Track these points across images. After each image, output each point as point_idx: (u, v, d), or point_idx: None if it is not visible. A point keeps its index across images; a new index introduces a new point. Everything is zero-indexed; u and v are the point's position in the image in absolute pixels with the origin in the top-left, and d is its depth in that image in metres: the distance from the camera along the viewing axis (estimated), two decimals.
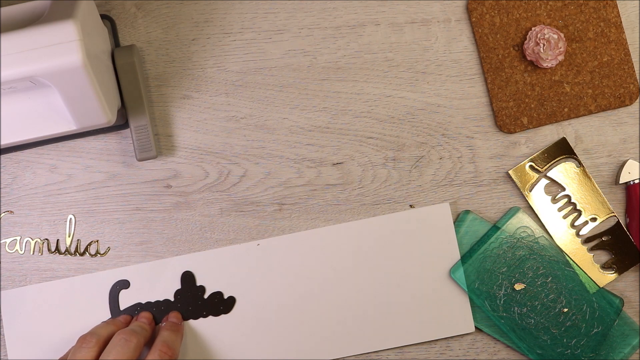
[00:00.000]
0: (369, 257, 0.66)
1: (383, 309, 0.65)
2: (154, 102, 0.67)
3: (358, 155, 0.67)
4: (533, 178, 0.67)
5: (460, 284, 0.65)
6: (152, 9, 0.68)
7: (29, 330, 0.65)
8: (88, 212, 0.67)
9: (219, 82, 0.67)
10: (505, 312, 0.65)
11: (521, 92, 0.67)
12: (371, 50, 0.68)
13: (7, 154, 0.67)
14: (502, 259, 0.65)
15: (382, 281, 0.66)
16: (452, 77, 0.68)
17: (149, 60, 0.67)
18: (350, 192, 0.67)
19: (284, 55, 0.68)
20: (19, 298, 0.65)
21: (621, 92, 0.67)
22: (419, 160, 0.67)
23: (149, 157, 0.65)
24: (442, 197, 0.67)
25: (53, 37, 0.53)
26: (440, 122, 0.67)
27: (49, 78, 0.53)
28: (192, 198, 0.67)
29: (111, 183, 0.67)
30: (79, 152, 0.67)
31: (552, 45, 0.65)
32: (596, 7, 0.67)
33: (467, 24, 0.68)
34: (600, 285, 0.66)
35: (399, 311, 0.65)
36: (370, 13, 0.68)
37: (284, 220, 0.67)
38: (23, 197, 0.67)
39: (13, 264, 0.66)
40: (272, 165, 0.67)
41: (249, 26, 0.68)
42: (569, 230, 0.66)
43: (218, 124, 0.67)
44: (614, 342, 0.65)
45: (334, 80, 0.68)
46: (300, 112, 0.67)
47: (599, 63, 0.67)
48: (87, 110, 0.57)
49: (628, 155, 0.68)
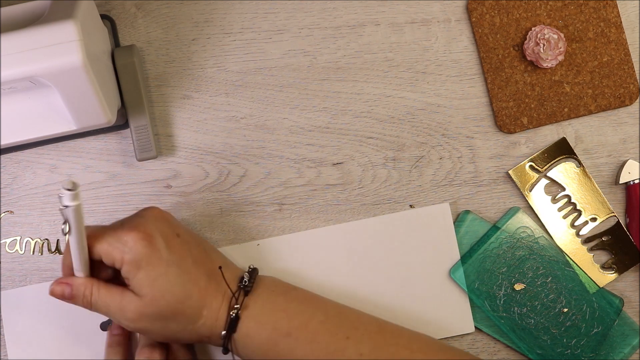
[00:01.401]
0: (369, 257, 0.66)
1: (383, 309, 0.65)
2: (154, 102, 0.67)
3: (358, 155, 0.67)
4: (533, 178, 0.67)
5: (460, 284, 0.65)
6: (152, 9, 0.68)
7: (29, 330, 0.65)
8: (88, 212, 0.67)
9: (219, 82, 0.67)
10: (505, 312, 0.65)
11: (521, 92, 0.67)
12: (371, 50, 0.68)
13: (7, 154, 0.67)
14: (502, 259, 0.65)
15: (382, 281, 0.66)
16: (452, 77, 0.68)
17: (149, 60, 0.67)
18: (350, 192, 0.67)
19: (284, 55, 0.68)
20: (19, 298, 0.65)
21: (621, 92, 0.67)
22: (419, 160, 0.67)
23: (149, 157, 0.65)
24: (442, 197, 0.67)
25: (53, 37, 0.53)
26: (440, 122, 0.67)
27: (49, 78, 0.53)
28: (192, 198, 0.67)
29: (111, 183, 0.67)
30: (79, 152, 0.67)
31: (552, 45, 0.65)
32: (596, 7, 0.67)
33: (467, 24, 0.68)
34: (600, 285, 0.66)
35: (399, 311, 0.65)
36: (370, 13, 0.68)
37: (284, 220, 0.67)
38: (23, 197, 0.67)
39: (13, 264, 0.66)
40: (272, 165, 0.67)
41: (249, 26, 0.68)
42: (569, 230, 0.66)
43: (218, 124, 0.67)
44: (614, 342, 0.65)
45: (334, 80, 0.68)
46: (300, 112, 0.67)
47: (599, 63, 0.67)
48: (87, 110, 0.57)
49: (628, 155, 0.68)
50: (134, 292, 0.56)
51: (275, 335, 0.57)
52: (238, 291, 0.58)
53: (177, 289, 0.56)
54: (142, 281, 0.56)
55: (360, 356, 0.57)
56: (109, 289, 0.57)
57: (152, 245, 0.56)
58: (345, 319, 0.59)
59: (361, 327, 0.59)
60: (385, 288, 0.66)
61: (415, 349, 0.58)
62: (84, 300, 0.57)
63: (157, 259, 0.56)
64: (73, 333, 0.65)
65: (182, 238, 0.59)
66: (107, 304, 0.57)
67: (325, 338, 0.57)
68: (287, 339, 0.57)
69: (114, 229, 0.57)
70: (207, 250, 0.60)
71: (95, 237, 0.57)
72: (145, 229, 0.57)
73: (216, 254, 0.61)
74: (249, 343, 0.58)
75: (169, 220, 0.59)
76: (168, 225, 0.58)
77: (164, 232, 0.58)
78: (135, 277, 0.56)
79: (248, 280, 0.59)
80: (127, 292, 0.57)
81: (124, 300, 0.56)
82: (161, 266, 0.56)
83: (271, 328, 0.57)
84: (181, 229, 0.60)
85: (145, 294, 0.56)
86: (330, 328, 0.58)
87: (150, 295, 0.56)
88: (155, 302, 0.56)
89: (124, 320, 0.57)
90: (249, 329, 0.57)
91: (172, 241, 0.58)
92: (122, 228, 0.57)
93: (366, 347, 0.57)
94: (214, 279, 0.58)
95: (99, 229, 0.58)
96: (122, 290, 0.57)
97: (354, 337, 0.58)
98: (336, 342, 0.57)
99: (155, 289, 0.56)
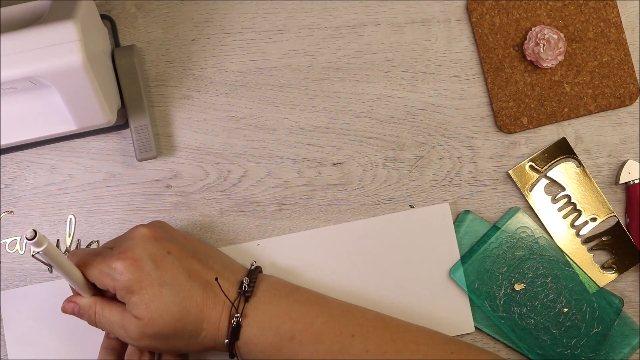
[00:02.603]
0: (369, 257, 0.66)
1: (383, 309, 0.65)
2: (154, 102, 0.67)
3: (358, 155, 0.67)
4: (533, 178, 0.67)
5: (460, 284, 0.65)
6: (152, 9, 0.68)
7: (29, 330, 0.65)
8: (88, 212, 0.67)
9: (219, 82, 0.67)
10: (505, 312, 0.65)
11: (521, 92, 0.67)
12: (371, 50, 0.68)
13: (7, 154, 0.67)
14: (502, 259, 0.65)
15: (382, 281, 0.66)
16: (452, 77, 0.68)
17: (149, 60, 0.67)
18: (350, 192, 0.67)
19: (284, 55, 0.68)
20: (19, 298, 0.65)
21: (621, 92, 0.67)
22: (419, 160, 0.67)
23: (149, 157, 0.65)
24: (442, 197, 0.67)
25: (53, 38, 0.53)
26: (440, 122, 0.67)
27: (49, 78, 0.53)
28: (192, 198, 0.67)
29: (111, 183, 0.67)
30: (79, 152, 0.67)
31: (552, 45, 0.65)
32: (596, 7, 0.67)
33: (467, 24, 0.68)
34: (600, 285, 0.66)
35: (399, 311, 0.65)
36: (370, 13, 0.68)
37: (284, 220, 0.67)
38: (23, 197, 0.67)
39: (13, 264, 0.66)
40: (272, 165, 0.67)
41: (249, 26, 0.68)
42: (569, 230, 0.66)
43: (218, 124, 0.67)
44: (614, 342, 0.65)
45: (334, 80, 0.68)
46: (300, 112, 0.67)
47: (599, 63, 0.67)
48: (87, 110, 0.57)
49: (628, 155, 0.68)
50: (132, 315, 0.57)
51: (279, 339, 0.57)
52: (238, 298, 0.58)
53: (173, 308, 0.56)
54: (137, 305, 0.56)
55: (366, 352, 0.57)
56: (112, 309, 0.58)
57: (141, 270, 0.56)
58: (351, 317, 0.59)
59: (366, 324, 0.58)
60: (385, 288, 0.66)
61: (422, 342, 0.58)
62: (89, 318, 0.59)
63: (148, 282, 0.56)
64: (73, 333, 0.65)
65: (174, 254, 0.58)
66: (110, 322, 0.58)
67: (330, 338, 0.57)
68: (291, 342, 0.57)
69: (103, 256, 0.57)
70: (203, 259, 0.60)
71: (86, 265, 0.57)
72: (132, 254, 0.57)
73: (213, 259, 0.61)
74: (253, 348, 0.58)
75: (157, 238, 0.59)
76: (157, 245, 0.58)
77: (152, 254, 0.57)
78: (130, 301, 0.56)
79: (248, 285, 0.59)
80: (127, 312, 0.57)
81: (124, 320, 0.57)
82: (154, 288, 0.56)
83: (274, 333, 0.57)
84: (171, 244, 0.59)
85: (143, 316, 0.56)
86: (334, 327, 0.58)
87: (148, 317, 0.56)
88: (153, 323, 0.56)
89: (128, 339, 0.58)
90: (251, 335, 0.57)
91: (163, 260, 0.58)
92: (111, 255, 0.57)
93: (372, 343, 0.57)
94: (211, 290, 0.58)
95: (90, 255, 0.58)
96: (123, 310, 0.57)
97: (360, 334, 0.57)
98: (341, 340, 0.57)
99: (152, 311, 0.56)
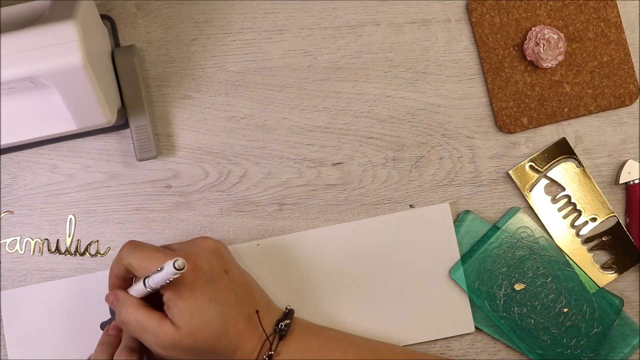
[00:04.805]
0: (369, 257, 0.66)
1: (383, 309, 0.65)
2: (154, 102, 0.67)
3: (358, 155, 0.67)
4: (533, 178, 0.67)
5: (460, 284, 0.65)
6: (152, 9, 0.68)
7: (29, 330, 0.65)
8: (88, 212, 0.67)
9: (219, 82, 0.67)
10: (505, 312, 0.65)
11: (521, 92, 0.67)
12: (371, 50, 0.68)
13: (7, 154, 0.67)
14: (502, 259, 0.65)
15: (382, 281, 0.66)
16: (452, 77, 0.68)
17: (149, 60, 0.67)
18: (350, 192, 0.67)
19: (284, 55, 0.68)
20: (19, 298, 0.65)
21: (621, 92, 0.67)
22: (419, 160, 0.67)
23: (149, 157, 0.65)
24: (442, 197, 0.67)
25: (53, 37, 0.53)
26: (440, 122, 0.67)
27: (49, 78, 0.53)
28: (192, 198, 0.67)
29: (111, 183, 0.67)
30: (79, 152, 0.67)
31: (552, 45, 0.65)
32: (596, 7, 0.67)
33: (467, 24, 0.68)
34: (600, 285, 0.66)
35: (398, 311, 0.65)
36: (370, 13, 0.68)
37: (284, 220, 0.67)
38: (23, 197, 0.67)
39: (13, 264, 0.66)
40: (272, 165, 0.67)
41: (249, 26, 0.68)
42: (569, 230, 0.66)
43: (218, 124, 0.67)
44: (614, 342, 0.65)
45: (334, 80, 0.68)
46: (300, 112, 0.67)
47: (599, 63, 0.67)
48: (87, 110, 0.57)
49: (628, 155, 0.68)
50: (172, 321, 0.56)
51: None
52: (273, 335, 0.59)
53: (215, 326, 0.56)
54: (182, 311, 0.56)
55: None
56: (149, 314, 0.57)
57: (198, 279, 0.56)
58: (377, 354, 0.60)
59: None
60: (386, 288, 0.66)
61: None
62: (119, 313, 0.58)
63: (201, 293, 0.56)
64: (73, 333, 0.65)
65: (230, 275, 0.59)
66: (143, 326, 0.57)
67: None
68: None
69: (166, 254, 0.57)
70: (252, 290, 0.60)
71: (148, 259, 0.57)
72: (195, 260, 0.57)
73: (259, 292, 0.61)
74: None
75: (221, 254, 0.59)
76: (219, 260, 0.59)
77: (213, 267, 0.58)
78: (176, 305, 0.56)
79: (285, 324, 0.59)
80: (165, 320, 0.56)
81: (161, 329, 0.56)
82: (204, 300, 0.56)
83: None
84: (230, 265, 0.60)
85: (183, 325, 0.56)
86: None
87: (188, 328, 0.56)
88: (191, 335, 0.56)
89: (156, 347, 0.57)
90: None
91: (220, 277, 0.58)
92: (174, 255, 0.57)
93: None
94: (252, 322, 0.58)
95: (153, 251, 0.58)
96: (161, 317, 0.57)
97: None
98: None
99: (195, 322, 0.56)
